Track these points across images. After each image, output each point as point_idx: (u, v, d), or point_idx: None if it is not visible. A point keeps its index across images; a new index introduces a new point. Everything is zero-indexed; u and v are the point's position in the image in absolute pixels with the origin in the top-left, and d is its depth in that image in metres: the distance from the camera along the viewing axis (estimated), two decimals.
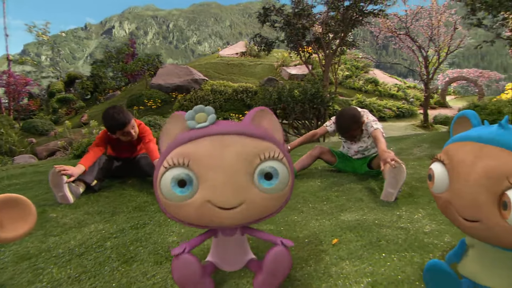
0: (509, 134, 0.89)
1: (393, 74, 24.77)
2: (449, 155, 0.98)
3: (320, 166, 3.11)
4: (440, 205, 1.03)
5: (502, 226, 0.85)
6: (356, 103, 14.19)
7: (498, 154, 0.87)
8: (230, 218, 0.98)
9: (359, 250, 1.46)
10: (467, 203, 0.90)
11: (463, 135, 0.99)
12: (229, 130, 1.01)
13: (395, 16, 12.49)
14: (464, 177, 0.90)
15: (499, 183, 0.84)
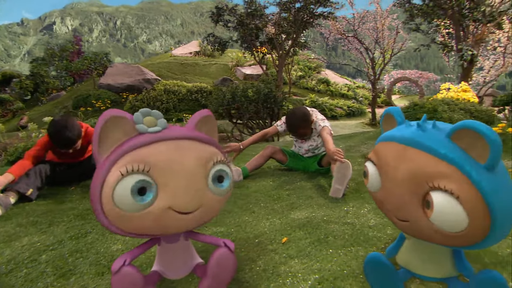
0: (427, 135, 0.90)
1: (343, 75, 25.89)
2: (378, 155, 1.01)
3: (273, 165, 3.13)
4: (376, 202, 1.07)
5: (427, 226, 0.88)
6: (309, 102, 14.60)
7: (418, 157, 0.88)
8: (186, 222, 0.96)
9: (308, 247, 1.48)
10: (396, 204, 0.93)
11: (389, 135, 1.02)
12: (182, 135, 0.98)
13: (344, 19, 13.05)
14: (391, 178, 0.94)
15: (421, 185, 0.86)
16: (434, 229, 0.88)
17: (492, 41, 10.19)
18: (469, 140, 0.84)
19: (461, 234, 0.85)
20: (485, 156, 0.82)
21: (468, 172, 0.82)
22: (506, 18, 9.04)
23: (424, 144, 0.88)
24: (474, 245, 0.88)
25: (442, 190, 0.83)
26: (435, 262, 1.09)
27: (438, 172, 0.85)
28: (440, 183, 0.83)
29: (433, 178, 0.85)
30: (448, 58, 10.94)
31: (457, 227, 0.84)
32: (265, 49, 12.69)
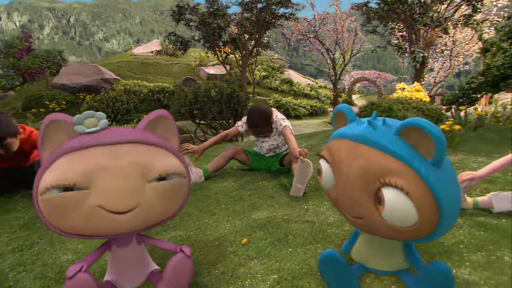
0: (377, 132, 0.93)
1: (306, 75, 26.44)
2: (331, 152, 1.03)
3: (235, 166, 3.11)
4: (331, 200, 1.09)
5: (380, 222, 0.92)
6: (273, 102, 14.71)
7: (370, 154, 0.90)
8: (125, 222, 0.93)
9: (268, 247, 1.48)
10: (350, 201, 0.96)
11: (341, 132, 1.04)
12: (123, 139, 0.96)
13: (305, 20, 13.32)
14: (345, 175, 0.96)
15: (372, 182, 0.89)
16: (386, 224, 0.91)
17: (440, 45, 10.88)
18: (416, 137, 0.88)
19: (411, 228, 0.88)
20: (431, 152, 0.86)
21: (417, 168, 0.85)
22: (451, 24, 9.70)
23: (374, 141, 0.91)
24: (424, 238, 0.92)
25: (393, 186, 0.86)
26: (388, 256, 1.13)
27: (388, 169, 0.87)
28: (390, 179, 0.86)
29: (383, 174, 0.87)
30: (402, 60, 11.54)
31: (408, 222, 0.87)
32: (228, 49, 12.64)
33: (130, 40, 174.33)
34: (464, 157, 3.03)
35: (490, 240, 1.46)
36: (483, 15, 9.77)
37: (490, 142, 3.47)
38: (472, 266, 1.26)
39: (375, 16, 10.26)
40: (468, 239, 1.48)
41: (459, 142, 3.38)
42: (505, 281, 1.15)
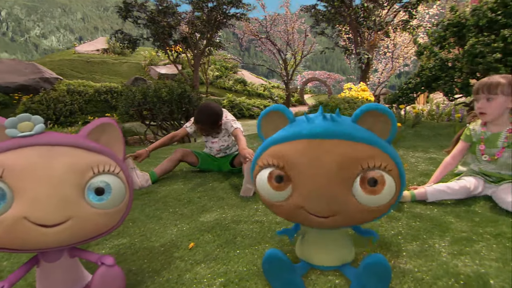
0: (338, 125, 0.95)
1: (259, 75, 26.71)
2: (285, 157, 0.96)
3: (185, 168, 3.04)
4: (283, 213, 1.05)
5: (359, 209, 0.95)
6: (227, 102, 14.66)
7: (341, 146, 0.92)
8: (55, 237, 0.84)
9: (215, 250, 1.45)
10: (325, 202, 0.94)
11: (292, 134, 0.98)
12: (60, 141, 0.88)
13: (256, 20, 13.45)
14: (312, 177, 0.93)
15: (352, 171, 0.91)
16: (367, 209, 0.96)
17: (382, 47, 11.59)
18: (372, 121, 0.97)
19: (388, 203, 0.97)
20: (386, 132, 0.98)
21: (386, 149, 0.95)
22: (391, 28, 10.39)
23: (341, 132, 0.93)
24: (382, 215, 1.03)
25: (379, 168, 0.92)
26: (333, 251, 1.16)
27: (366, 154, 0.92)
28: (375, 162, 0.91)
29: (363, 160, 0.91)
30: (349, 61, 12.11)
31: (389, 197, 0.96)
32: (179, 48, 12.35)
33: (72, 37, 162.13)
34: (404, 153, 3.24)
35: (424, 230, 1.56)
36: (418, 21, 10.60)
37: (426, 138, 3.74)
38: (408, 256, 1.34)
39: (323, 18, 10.66)
40: (406, 230, 1.57)
41: (399, 138, 3.61)
42: (434, 266, 1.24)
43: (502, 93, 1.70)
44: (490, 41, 2.95)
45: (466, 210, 1.77)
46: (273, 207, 1.06)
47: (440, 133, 4.00)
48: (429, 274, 1.19)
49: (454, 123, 4.39)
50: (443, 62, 3.41)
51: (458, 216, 1.70)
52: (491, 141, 1.81)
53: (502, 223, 1.60)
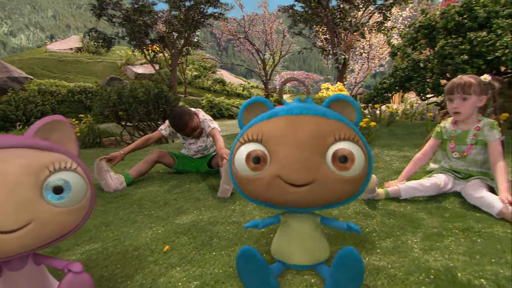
0: (312, 106, 1.06)
1: (238, 75, 26.69)
2: (262, 133, 1.03)
3: (162, 169, 2.99)
4: (260, 186, 1.05)
5: (333, 177, 0.99)
6: (206, 102, 14.57)
7: (315, 119, 1.01)
8: (17, 242, 0.80)
9: (191, 253, 1.43)
10: (301, 167, 0.97)
11: (270, 113, 1.07)
12: (7, 144, 0.84)
13: (234, 20, 13.41)
14: (290, 144, 0.98)
15: (324, 140, 0.98)
16: (340, 179, 1.00)
17: (359, 48, 11.85)
18: (341, 108, 1.12)
19: (360, 175, 1.03)
20: (353, 119, 1.13)
21: (353, 127, 1.07)
22: (367, 29, 10.63)
23: (316, 109, 1.04)
24: (358, 193, 1.10)
25: (349, 139, 1.01)
26: (308, 250, 1.17)
27: (335, 127, 1.01)
28: (345, 133, 1.01)
29: (334, 131, 1.00)
30: (327, 61, 12.29)
31: (360, 167, 1.02)
32: (156, 47, 12.14)
33: (42, 35, 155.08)
34: (379, 151, 3.31)
35: (397, 226, 1.60)
36: (392, 23, 10.89)
37: (400, 137, 3.84)
38: (382, 252, 1.36)
39: (300, 19, 10.77)
40: (380, 227, 1.60)
41: (374, 137, 3.69)
42: (407, 262, 1.27)
43: (475, 93, 1.77)
44: (458, 43, 3.07)
45: (437, 206, 1.83)
46: (249, 182, 1.06)
47: (414, 131, 4.12)
48: (401, 270, 1.22)
49: (427, 122, 4.54)
50: (416, 63, 3.52)
51: (430, 213, 1.75)
52: (461, 138, 1.88)
53: (470, 218, 1.65)
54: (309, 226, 1.15)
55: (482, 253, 1.32)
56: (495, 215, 1.63)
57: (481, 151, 1.84)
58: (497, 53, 2.85)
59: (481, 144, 1.82)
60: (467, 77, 1.79)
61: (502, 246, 1.37)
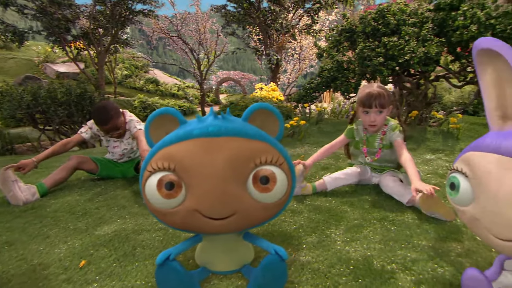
0: (231, 123, 0.96)
1: (172, 75, 25.91)
2: (176, 159, 0.92)
3: (83, 176, 2.74)
4: (177, 220, 0.99)
5: (255, 206, 0.95)
6: (138, 103, 13.86)
7: (233, 143, 0.92)
8: None
9: (111, 266, 1.32)
10: (220, 201, 0.91)
11: (183, 134, 0.95)
12: None
13: (166, 18, 12.96)
14: (206, 176, 0.90)
15: (245, 168, 0.91)
16: (262, 206, 0.96)
17: (290, 49, 12.30)
18: (262, 119, 1.03)
19: (282, 200, 1.00)
20: (275, 130, 1.06)
21: (276, 145, 0.98)
22: (297, 31, 11.09)
23: (234, 129, 0.93)
24: (280, 211, 1.06)
25: (271, 163, 0.93)
26: (232, 255, 1.14)
27: (258, 150, 0.93)
28: (267, 157, 0.93)
29: (256, 155, 0.92)
30: (260, 61, 12.53)
31: (282, 192, 0.98)
32: (80, 44, 11.19)
33: None
34: (309, 149, 3.45)
35: (323, 221, 1.67)
36: (320, 26, 11.51)
37: (328, 134, 4.05)
38: (307, 248, 1.40)
39: (233, 19, 10.81)
40: (307, 223, 1.66)
41: (304, 135, 3.84)
42: (330, 255, 1.32)
43: (387, 105, 1.89)
44: (375, 47, 3.34)
45: (358, 199, 1.95)
46: (166, 217, 0.98)
47: (340, 129, 4.36)
48: (324, 264, 1.27)
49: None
50: (339, 64, 3.74)
51: (352, 205, 1.86)
52: (370, 142, 2.04)
53: (385, 208, 1.80)
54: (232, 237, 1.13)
55: (394, 240, 1.43)
56: (405, 203, 1.79)
57: (390, 151, 2.01)
58: (406, 56, 3.15)
59: (388, 147, 1.99)
60: (377, 88, 1.86)
61: (410, 232, 1.50)
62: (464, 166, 0.87)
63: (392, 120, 2.00)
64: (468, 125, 3.77)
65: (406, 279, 1.15)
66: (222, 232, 1.03)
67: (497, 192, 0.77)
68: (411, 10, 3.48)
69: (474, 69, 3.50)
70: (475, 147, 0.88)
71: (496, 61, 0.85)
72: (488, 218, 0.81)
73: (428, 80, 3.76)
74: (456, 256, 1.29)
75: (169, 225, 1.05)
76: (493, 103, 0.89)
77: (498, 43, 0.82)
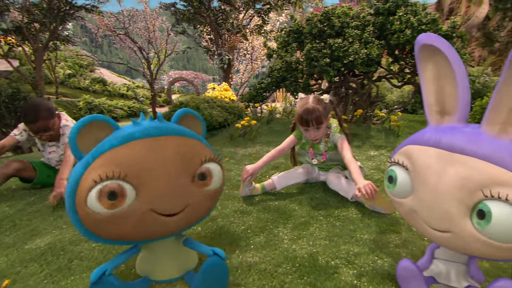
0: (167, 124, 1.03)
1: (121, 74, 24.78)
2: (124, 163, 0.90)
3: (15, 185, 2.50)
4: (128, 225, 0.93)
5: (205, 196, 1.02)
6: (84, 104, 13.05)
7: (177, 140, 0.99)
8: None
9: (41, 282, 1.21)
10: (175, 195, 0.95)
11: (125, 137, 0.93)
12: None
13: (112, 14, 12.33)
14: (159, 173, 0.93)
15: (193, 162, 0.99)
16: (208, 193, 1.04)
17: (242, 49, 12.34)
18: (188, 122, 1.14)
19: (219, 189, 1.13)
20: (199, 131, 1.18)
21: (206, 143, 1.10)
22: (248, 31, 11.15)
23: (174, 129, 1.01)
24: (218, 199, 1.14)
25: (212, 160, 1.04)
26: (175, 262, 1.10)
27: (199, 147, 1.03)
28: (209, 154, 1.04)
29: (201, 153, 1.01)
30: (213, 61, 12.41)
31: (218, 182, 1.08)
32: (12, 39, 10.22)
33: None
34: (260, 148, 3.46)
35: (271, 220, 1.67)
36: (271, 27, 11.68)
37: (279, 134, 4.11)
38: (255, 248, 1.39)
39: (183, 18, 10.57)
40: (255, 223, 1.65)
41: (256, 135, 3.85)
42: (276, 254, 1.32)
43: (324, 118, 1.91)
44: (321, 48, 3.45)
45: (306, 197, 1.99)
46: (110, 223, 0.90)
47: None
48: (271, 263, 1.27)
49: None
50: (288, 64, 3.80)
51: (300, 203, 1.89)
52: (316, 145, 2.09)
53: (332, 204, 1.85)
54: (173, 242, 1.08)
55: (339, 235, 1.48)
56: (349, 199, 1.86)
57: (335, 152, 2.06)
58: (350, 57, 3.30)
59: (333, 148, 2.05)
60: (313, 104, 1.85)
61: (354, 226, 1.56)
62: (405, 159, 0.90)
63: (335, 121, 2.06)
64: (407, 122, 4.04)
65: (349, 273, 1.18)
66: (172, 232, 1.02)
67: (435, 186, 0.80)
68: (354, 13, 3.65)
69: (411, 70, 3.77)
70: (414, 141, 0.91)
71: (436, 57, 0.89)
72: (425, 210, 0.84)
73: (371, 80, 3.97)
74: (394, 247, 1.36)
75: (108, 239, 0.97)
76: (432, 98, 0.92)
77: (439, 40, 0.85)
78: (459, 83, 0.83)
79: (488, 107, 0.78)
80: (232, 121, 4.44)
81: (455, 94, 0.85)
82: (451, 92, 0.87)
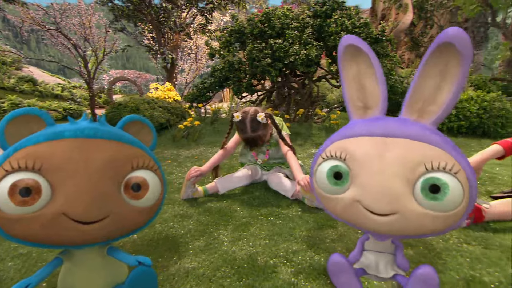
0: (105, 126, 0.95)
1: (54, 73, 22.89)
2: (43, 157, 0.83)
3: None
4: (36, 227, 0.82)
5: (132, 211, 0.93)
6: (9, 105, 11.78)
7: (111, 145, 0.92)
8: None
9: None
10: (93, 201, 0.85)
11: (53, 133, 0.86)
12: None
13: (39, 7, 11.29)
14: (80, 175, 0.85)
15: (121, 169, 0.91)
16: (136, 209, 0.94)
17: (186, 48, 12.06)
18: (135, 129, 1.08)
19: (155, 204, 1.00)
20: (149, 140, 1.12)
21: (149, 153, 1.02)
22: (192, 30, 10.93)
23: (109, 133, 0.93)
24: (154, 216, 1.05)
25: (147, 168, 0.97)
26: (99, 274, 1.02)
27: (134, 154, 0.95)
28: (144, 161, 0.96)
29: (132, 159, 0.94)
30: (155, 60, 11.96)
31: (153, 198, 0.99)
32: None
33: None
34: (204, 149, 3.40)
35: (212, 223, 1.64)
36: (216, 26, 11.58)
37: (223, 134, 4.07)
38: (194, 253, 1.35)
39: (122, 14, 10.04)
40: (195, 226, 1.60)
41: (199, 136, 3.78)
42: (216, 258, 1.30)
43: (266, 132, 1.91)
44: (262, 48, 3.49)
45: (249, 196, 1.99)
46: (19, 225, 0.81)
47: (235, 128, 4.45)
48: (210, 268, 1.23)
49: None
50: (231, 64, 3.79)
51: (242, 204, 1.88)
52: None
53: (273, 203, 1.87)
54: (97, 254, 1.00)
55: (279, 234, 1.49)
56: (290, 197, 1.89)
57: (276, 149, 2.10)
58: (291, 58, 3.38)
59: (275, 144, 2.08)
60: (255, 134, 1.85)
61: (293, 224, 1.59)
62: (342, 152, 0.90)
63: (277, 118, 2.09)
64: (346, 121, 4.25)
65: (287, 271, 1.19)
66: (90, 241, 0.92)
67: (378, 169, 0.82)
68: (294, 15, 3.74)
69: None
70: (345, 135, 0.93)
71: (358, 57, 0.95)
72: (370, 196, 0.84)
73: (312, 80, 4.11)
74: (331, 242, 1.40)
75: (16, 238, 0.87)
76: (354, 94, 0.98)
77: (361, 41, 0.93)
78: (379, 79, 0.91)
79: (407, 97, 0.88)
80: (174, 122, 4.31)
81: (377, 89, 0.92)
82: (372, 88, 0.94)
